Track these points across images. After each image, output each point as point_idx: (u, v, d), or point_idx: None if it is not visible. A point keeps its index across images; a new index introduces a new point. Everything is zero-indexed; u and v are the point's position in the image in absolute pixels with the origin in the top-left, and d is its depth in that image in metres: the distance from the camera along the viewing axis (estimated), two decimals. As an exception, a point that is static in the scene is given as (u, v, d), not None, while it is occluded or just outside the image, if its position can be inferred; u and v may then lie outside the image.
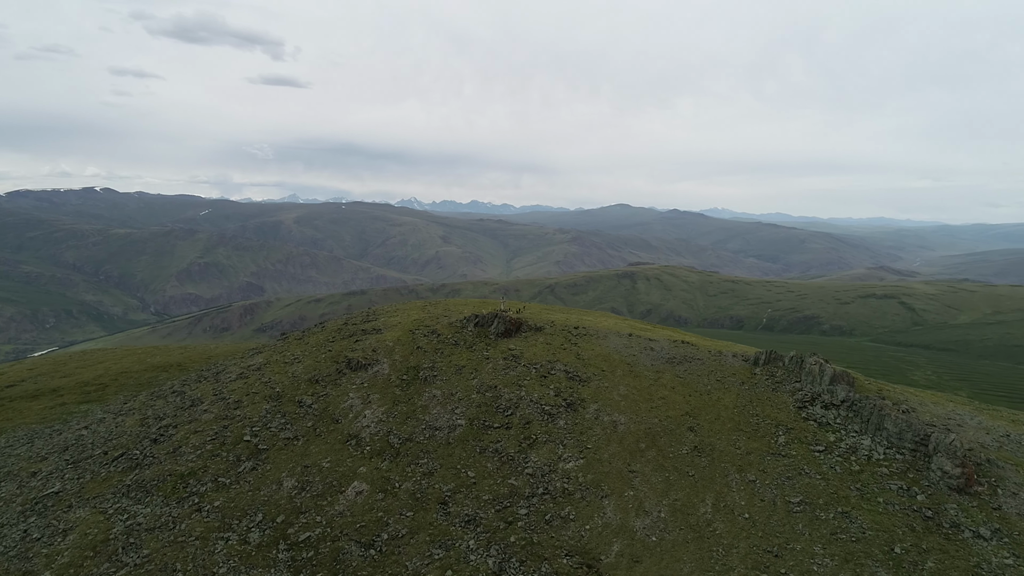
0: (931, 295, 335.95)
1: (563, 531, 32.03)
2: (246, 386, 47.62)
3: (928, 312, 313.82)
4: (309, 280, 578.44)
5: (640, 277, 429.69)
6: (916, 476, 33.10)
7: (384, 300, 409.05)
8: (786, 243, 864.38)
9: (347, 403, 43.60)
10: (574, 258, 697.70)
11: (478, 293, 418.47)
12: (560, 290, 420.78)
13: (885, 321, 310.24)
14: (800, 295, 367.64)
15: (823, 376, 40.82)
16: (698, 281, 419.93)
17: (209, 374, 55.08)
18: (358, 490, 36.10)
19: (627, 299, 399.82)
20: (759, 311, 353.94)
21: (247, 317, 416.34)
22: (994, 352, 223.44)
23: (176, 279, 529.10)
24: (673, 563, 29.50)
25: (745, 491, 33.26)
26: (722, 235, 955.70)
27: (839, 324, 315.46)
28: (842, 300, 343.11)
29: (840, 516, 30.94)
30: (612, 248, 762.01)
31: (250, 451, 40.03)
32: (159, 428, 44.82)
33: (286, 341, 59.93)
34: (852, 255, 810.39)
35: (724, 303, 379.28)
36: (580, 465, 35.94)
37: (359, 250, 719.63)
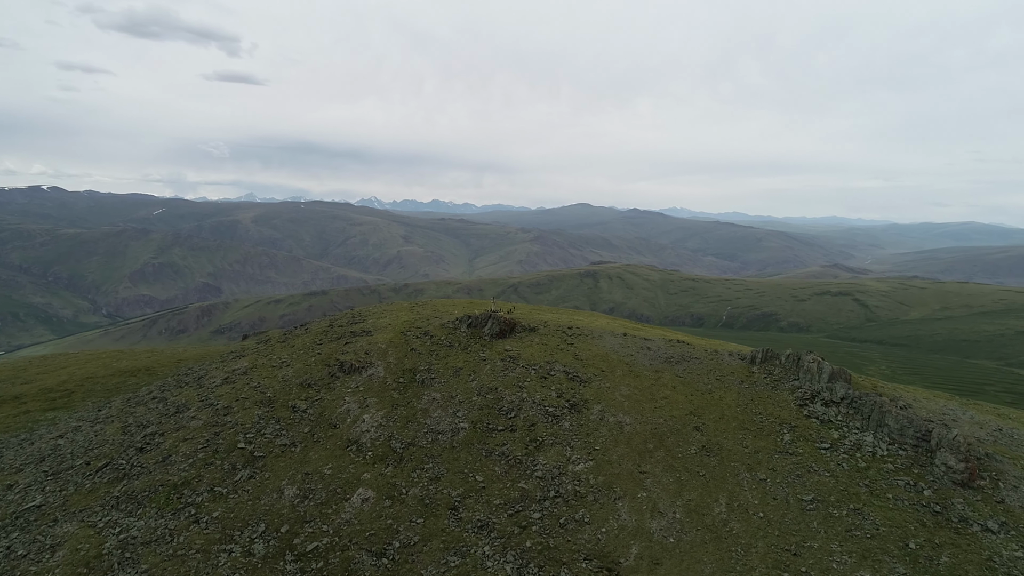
0: (883, 292, 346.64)
1: (579, 534, 31.68)
2: (234, 391, 46.12)
3: (881, 309, 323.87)
4: (268, 280, 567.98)
5: (603, 276, 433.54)
6: (921, 472, 33.67)
7: (345, 301, 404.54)
8: (743, 242, 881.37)
9: (344, 407, 42.52)
10: (536, 257, 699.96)
11: (441, 293, 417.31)
12: (523, 289, 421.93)
13: (840, 317, 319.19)
14: (758, 293, 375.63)
15: (821, 374, 41.34)
16: (659, 279, 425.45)
17: (190, 379, 53.24)
18: (364, 497, 35.15)
19: (590, 298, 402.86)
20: (719, 309, 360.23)
21: (204, 319, 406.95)
22: (943, 347, 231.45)
23: (129, 280, 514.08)
24: (693, 564, 29.41)
25: (757, 490, 33.39)
26: (681, 234, 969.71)
27: (796, 321, 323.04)
28: (799, 297, 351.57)
29: (853, 513, 31.26)
30: (574, 247, 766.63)
31: (246, 459, 38.70)
32: (144, 436, 43.07)
33: (269, 344, 58.37)
34: (807, 253, 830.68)
35: (685, 301, 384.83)
36: (590, 467, 35.64)
37: (319, 250, 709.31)
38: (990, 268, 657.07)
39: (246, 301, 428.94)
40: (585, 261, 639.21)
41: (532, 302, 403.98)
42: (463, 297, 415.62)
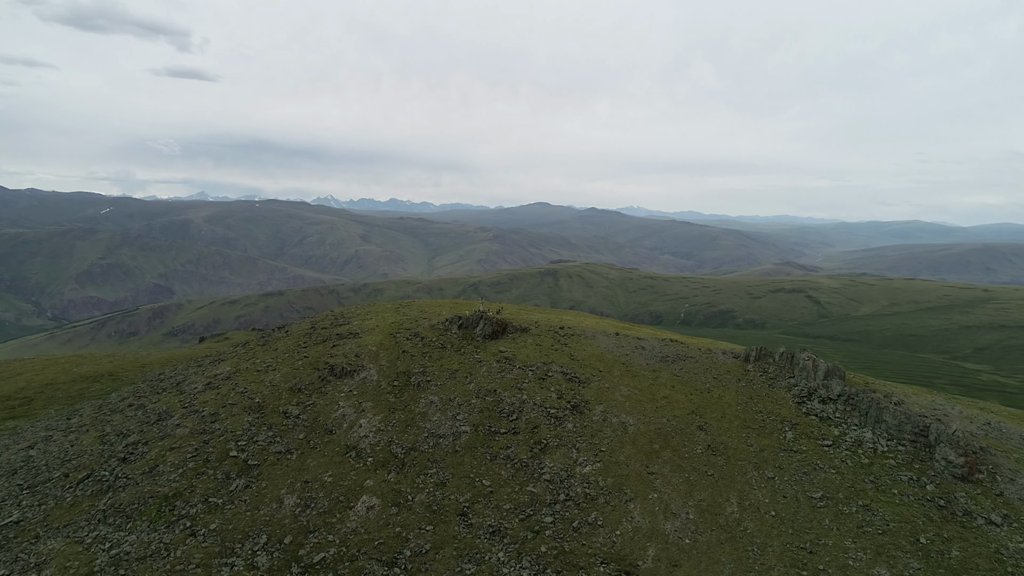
0: (835, 289, 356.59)
1: (593, 538, 31.33)
2: (219, 397, 44.47)
3: (832, 305, 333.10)
4: (222, 281, 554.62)
5: (563, 274, 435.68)
6: (922, 467, 34.33)
7: (303, 301, 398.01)
8: (699, 240, 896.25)
9: (338, 412, 41.36)
10: (496, 256, 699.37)
11: (401, 292, 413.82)
12: (484, 288, 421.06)
13: (794, 314, 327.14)
14: (715, 290, 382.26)
15: (817, 371, 41.90)
16: (618, 278, 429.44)
17: (167, 385, 51.24)
18: (368, 505, 34.17)
19: (551, 296, 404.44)
20: (677, 306, 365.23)
21: (156, 321, 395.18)
22: (892, 342, 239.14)
23: (76, 282, 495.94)
24: (712, 565, 29.36)
25: (766, 488, 33.57)
26: (638, 233, 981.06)
27: (752, 317, 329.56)
28: (754, 295, 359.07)
29: (862, 509, 31.66)
30: (533, 246, 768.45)
31: (239, 468, 37.29)
32: (126, 446, 41.20)
33: (248, 347, 56.55)
34: (760, 251, 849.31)
35: (644, 299, 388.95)
36: (597, 469, 35.34)
37: (275, 249, 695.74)
38: (933, 265, 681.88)
39: (200, 302, 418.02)
40: (545, 260, 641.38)
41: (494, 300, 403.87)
42: (423, 296, 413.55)
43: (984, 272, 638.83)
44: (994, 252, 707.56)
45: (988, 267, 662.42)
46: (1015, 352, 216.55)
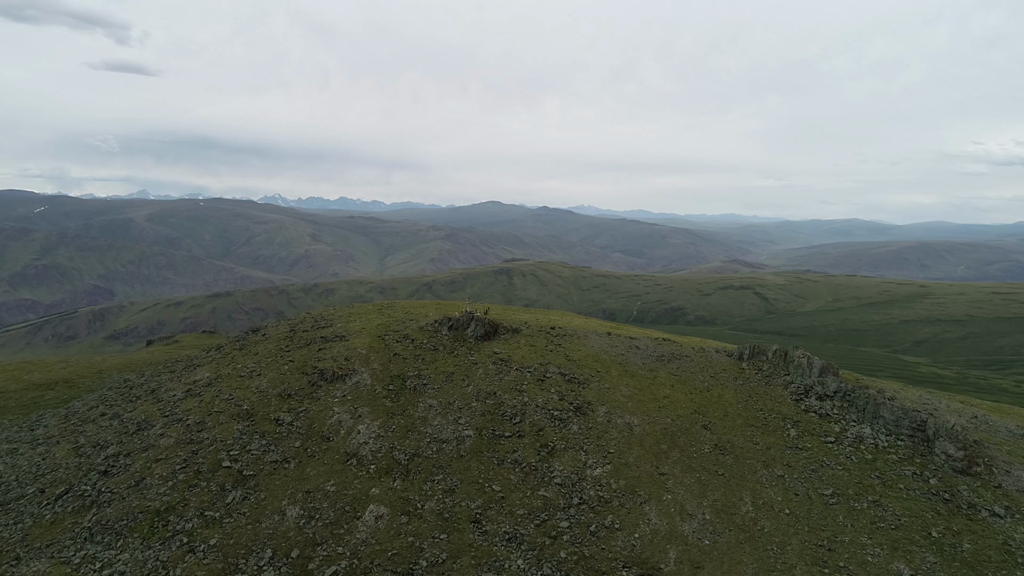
0: (781, 286, 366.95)
1: (612, 542, 30.93)
2: (203, 405, 42.47)
3: (779, 301, 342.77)
4: (166, 282, 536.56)
5: (516, 273, 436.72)
6: (923, 461, 35.07)
7: (252, 302, 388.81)
8: (649, 239, 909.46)
9: (334, 418, 39.96)
10: (448, 255, 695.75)
11: (353, 292, 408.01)
12: (438, 288, 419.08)
13: (743, 310, 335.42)
14: (666, 288, 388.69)
15: (812, 368, 42.50)
16: (572, 276, 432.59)
17: (141, 392, 48.80)
18: (377, 514, 33.02)
19: (505, 295, 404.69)
20: (629, 304, 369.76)
21: (97, 324, 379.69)
22: (836, 336, 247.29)
23: (8, 284, 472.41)
24: (735, 566, 29.30)
25: (778, 486, 33.77)
26: (590, 231, 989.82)
27: (702, 314, 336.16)
28: (704, 292, 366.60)
29: (873, 505, 32.11)
30: (486, 245, 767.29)
31: (234, 479, 35.61)
32: (106, 458, 38.97)
33: (223, 351, 54.29)
34: (708, 249, 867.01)
35: (597, 297, 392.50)
36: (608, 471, 34.97)
37: (221, 249, 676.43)
38: (872, 262, 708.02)
39: (143, 304, 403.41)
40: (497, 259, 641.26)
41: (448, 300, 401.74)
42: (377, 296, 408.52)
43: (919, 268, 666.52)
44: (928, 249, 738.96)
45: (923, 264, 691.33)
46: (950, 345, 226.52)
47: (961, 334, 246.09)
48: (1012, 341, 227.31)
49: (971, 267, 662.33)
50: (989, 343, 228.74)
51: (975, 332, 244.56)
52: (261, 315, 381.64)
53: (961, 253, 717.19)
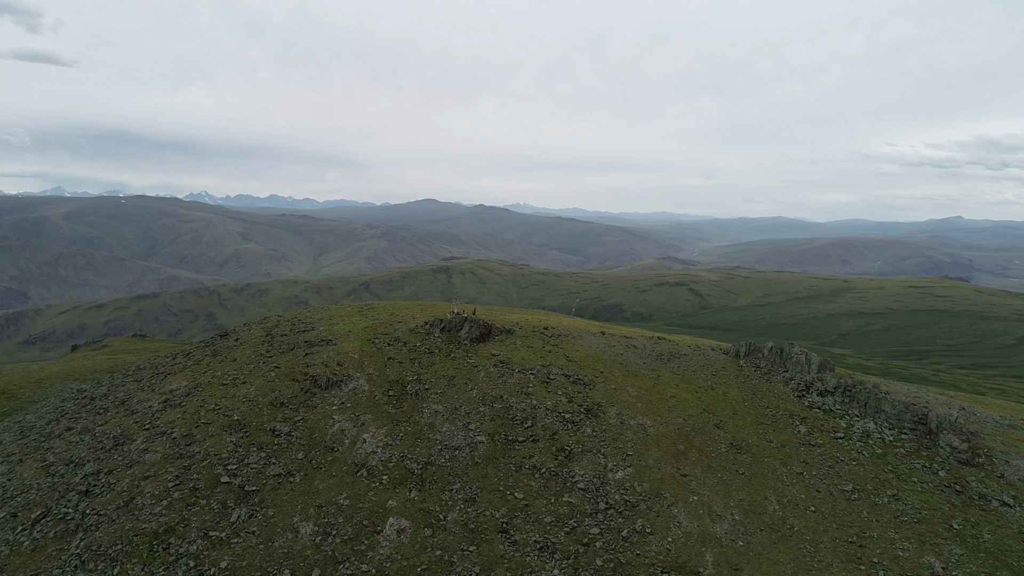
0: (714, 282, 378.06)
1: (646, 546, 30.38)
2: (187, 416, 39.73)
3: (712, 297, 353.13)
4: (86, 283, 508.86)
5: (455, 271, 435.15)
6: (930, 454, 35.98)
7: (181, 303, 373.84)
8: (584, 236, 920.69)
9: (335, 427, 38.00)
10: (385, 254, 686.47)
11: (288, 292, 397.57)
12: (376, 287, 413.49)
13: (678, 306, 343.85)
14: (604, 285, 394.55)
15: (810, 365, 43.13)
16: (511, 274, 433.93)
17: (109, 403, 45.41)
18: (399, 528, 31.45)
19: (444, 293, 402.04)
20: (568, 301, 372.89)
21: (10, 328, 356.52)
22: (767, 330, 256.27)
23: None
24: (773, 567, 29.21)
25: (799, 484, 33.98)
26: (526, 229, 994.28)
27: (640, 310, 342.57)
28: (640, 288, 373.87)
29: (893, 499, 32.66)
30: (423, 243, 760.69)
31: (236, 495, 33.33)
32: (84, 477, 35.97)
33: (193, 359, 51.11)
34: (642, 246, 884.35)
35: (536, 294, 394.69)
36: (630, 474, 34.42)
37: (145, 249, 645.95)
38: (797, 258, 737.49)
39: (61, 307, 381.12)
40: (435, 257, 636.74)
41: (385, 299, 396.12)
42: (313, 297, 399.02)
43: (840, 264, 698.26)
44: (848, 246, 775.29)
45: (844, 259, 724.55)
46: (873, 337, 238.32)
47: (882, 326, 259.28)
48: (928, 332, 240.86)
49: (887, 262, 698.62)
50: (908, 334, 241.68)
51: (895, 324, 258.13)
52: (191, 317, 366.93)
53: (878, 249, 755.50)
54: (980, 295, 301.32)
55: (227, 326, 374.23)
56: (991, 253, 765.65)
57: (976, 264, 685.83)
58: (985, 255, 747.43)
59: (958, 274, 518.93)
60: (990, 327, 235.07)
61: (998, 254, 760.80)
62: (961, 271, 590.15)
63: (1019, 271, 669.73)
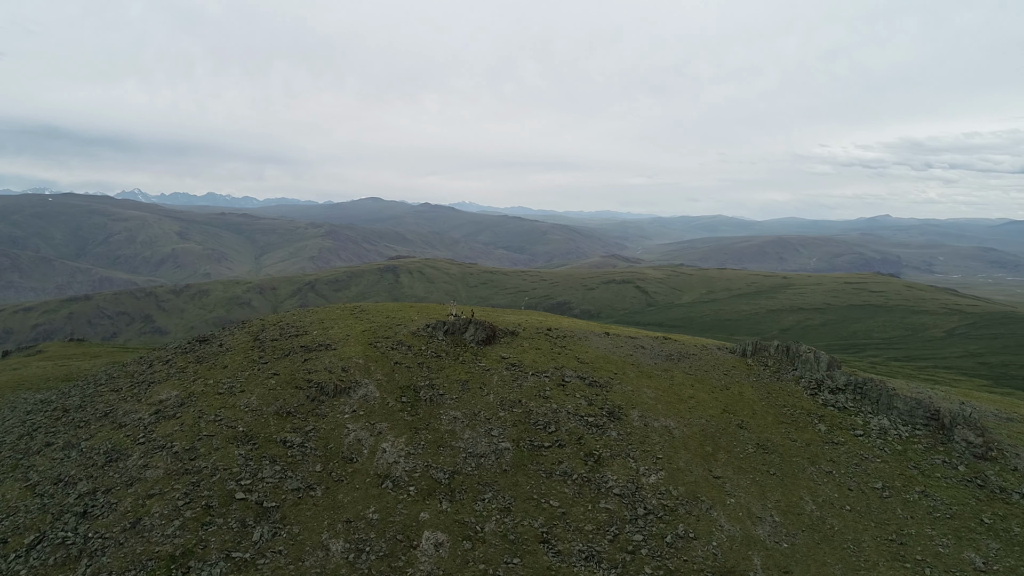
0: (659, 279, 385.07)
1: (692, 552, 29.83)
2: (186, 428, 37.23)
3: (658, 294, 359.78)
4: (10, 285, 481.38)
5: (403, 270, 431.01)
6: (946, 449, 36.71)
7: (116, 305, 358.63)
8: (530, 235, 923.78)
9: (351, 437, 36.21)
10: (329, 253, 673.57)
11: (230, 293, 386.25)
12: (321, 287, 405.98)
13: (625, 303, 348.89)
14: (552, 283, 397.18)
15: (819, 363, 43.57)
16: (459, 273, 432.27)
17: (90, 416, 42.32)
18: (436, 541, 30.02)
19: (391, 293, 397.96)
20: (517, 299, 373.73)
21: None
22: (712, 327, 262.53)
23: None
24: (822, 568, 29.07)
25: (830, 483, 34.09)
26: (472, 228, 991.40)
27: (588, 308, 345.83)
28: (588, 286, 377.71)
29: (922, 496, 33.10)
30: (368, 242, 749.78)
31: (255, 512, 31.28)
32: (79, 496, 33.24)
33: (175, 366, 48.20)
34: (587, 245, 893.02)
35: (485, 293, 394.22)
36: (663, 478, 33.87)
37: (75, 249, 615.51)
38: (737, 255, 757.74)
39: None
40: (380, 256, 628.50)
41: (332, 299, 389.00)
42: (257, 297, 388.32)
43: (778, 261, 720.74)
44: (785, 243, 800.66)
45: (781, 256, 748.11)
46: (812, 332, 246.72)
47: (821, 321, 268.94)
48: (864, 327, 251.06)
49: (822, 259, 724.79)
50: (845, 328, 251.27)
51: (833, 319, 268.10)
52: (127, 320, 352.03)
53: (813, 247, 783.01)
54: (910, 290, 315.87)
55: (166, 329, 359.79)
56: (917, 250, 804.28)
57: (904, 260, 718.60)
58: (912, 252, 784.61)
59: (888, 270, 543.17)
60: (921, 321, 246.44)
61: (924, 251, 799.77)
62: (890, 267, 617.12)
63: (943, 267, 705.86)
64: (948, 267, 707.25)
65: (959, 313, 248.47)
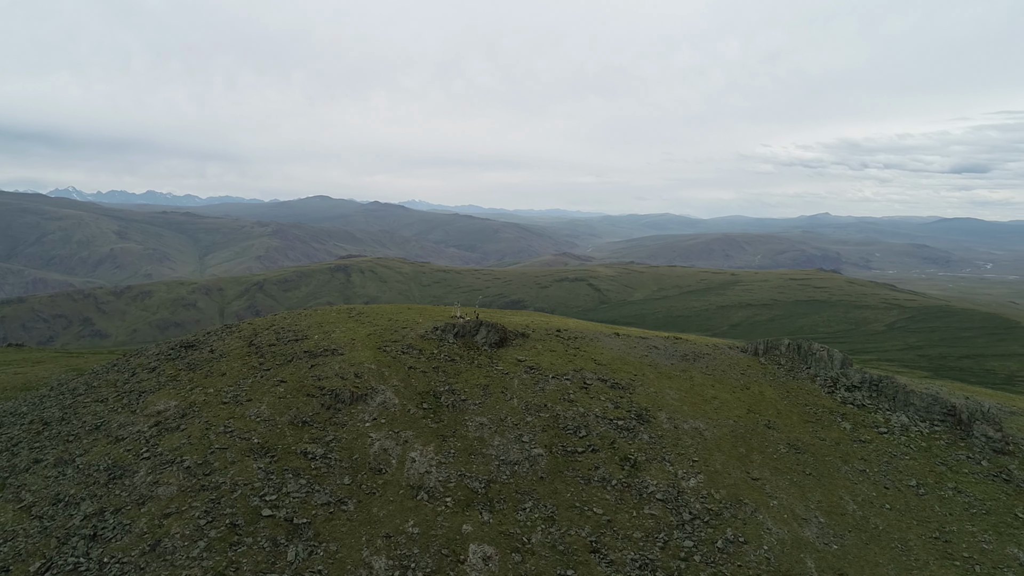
0: (611, 277, 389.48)
1: (745, 557, 29.32)
2: (194, 441, 34.89)
3: (611, 292, 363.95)
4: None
5: (354, 270, 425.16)
6: (967, 444, 37.27)
7: (52, 308, 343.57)
8: (481, 233, 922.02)
9: (376, 447, 34.51)
10: (277, 252, 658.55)
11: (174, 294, 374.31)
12: (270, 287, 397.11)
13: (578, 301, 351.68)
14: (506, 281, 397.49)
15: (833, 361, 43.85)
16: (411, 272, 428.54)
17: (80, 429, 39.39)
18: (484, 555, 28.72)
19: (343, 293, 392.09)
20: (472, 298, 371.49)
21: None
22: (663, 323, 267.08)
23: None
24: (875, 568, 28.92)
25: (866, 482, 34.12)
26: (423, 226, 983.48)
27: (542, 306, 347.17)
28: (542, 284, 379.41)
29: (956, 492, 33.44)
30: (316, 241, 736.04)
31: (286, 530, 29.40)
32: (85, 518, 30.75)
33: (165, 374, 45.45)
34: (538, 243, 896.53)
35: (438, 292, 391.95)
36: (703, 481, 33.33)
37: (5, 250, 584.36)
38: (684, 253, 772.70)
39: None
40: (330, 255, 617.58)
41: (281, 300, 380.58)
42: (203, 298, 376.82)
43: (724, 258, 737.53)
44: (730, 241, 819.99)
45: (727, 254, 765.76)
46: (760, 327, 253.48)
47: (768, 316, 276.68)
48: (809, 321, 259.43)
49: (766, 256, 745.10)
50: (791, 323, 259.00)
51: (780, 314, 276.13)
52: (64, 323, 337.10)
53: (758, 244, 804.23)
54: (852, 286, 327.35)
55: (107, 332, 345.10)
56: (855, 247, 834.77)
57: (843, 257, 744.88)
58: (850, 248, 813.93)
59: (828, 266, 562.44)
60: (863, 315, 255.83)
61: (861, 247, 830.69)
62: (831, 263, 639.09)
63: (880, 263, 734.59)
64: (884, 263, 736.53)
65: (898, 308, 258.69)
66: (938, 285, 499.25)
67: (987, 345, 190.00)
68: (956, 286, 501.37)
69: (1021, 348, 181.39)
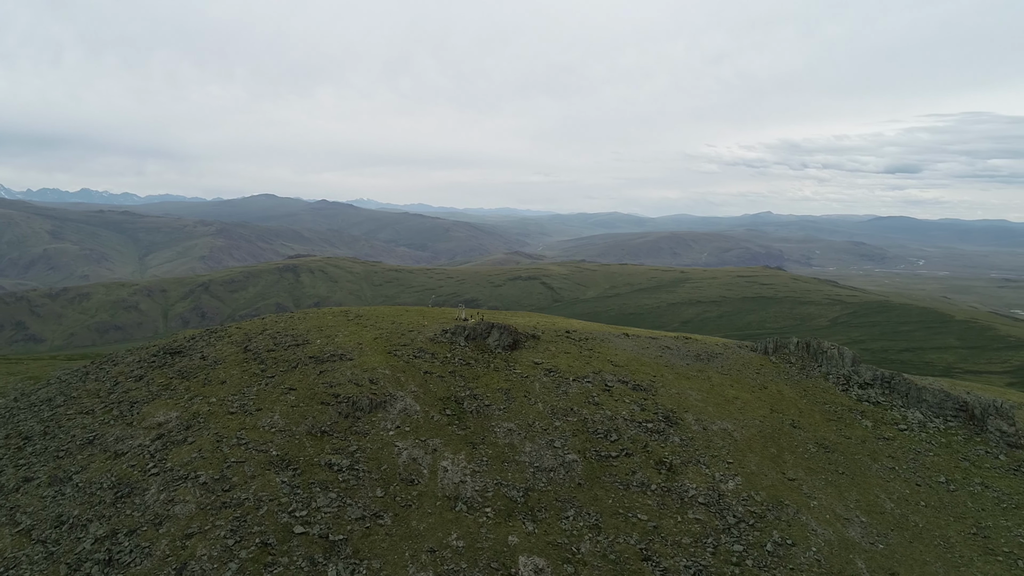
0: (564, 275, 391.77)
1: (795, 559, 28.99)
2: (206, 455, 32.69)
3: (564, 290, 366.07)
4: None
5: (304, 270, 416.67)
6: (983, 439, 38.00)
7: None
8: (432, 232, 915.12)
9: (404, 456, 32.96)
10: (221, 252, 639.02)
11: (114, 296, 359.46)
12: (216, 288, 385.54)
13: (532, 300, 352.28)
14: (459, 280, 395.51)
15: (844, 359, 44.23)
16: (363, 272, 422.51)
17: (71, 444, 36.62)
18: (535, 567, 27.58)
19: (292, 293, 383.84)
20: (424, 298, 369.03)
21: None
22: (617, 320, 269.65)
23: None
24: (924, 567, 29.00)
25: (898, 480, 34.34)
26: (372, 225, 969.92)
27: (496, 305, 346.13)
28: (495, 283, 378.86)
29: (983, 487, 33.94)
30: (263, 240, 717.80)
31: (322, 547, 27.68)
32: (96, 541, 28.44)
33: (157, 383, 42.75)
34: (489, 242, 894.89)
35: (391, 292, 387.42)
36: (741, 483, 32.93)
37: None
38: (633, 251, 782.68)
39: None
40: (277, 255, 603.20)
41: (228, 301, 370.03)
42: (144, 299, 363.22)
43: (672, 256, 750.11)
44: (678, 239, 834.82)
45: (674, 252, 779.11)
46: (711, 323, 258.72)
47: (718, 313, 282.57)
48: (757, 317, 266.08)
49: (712, 254, 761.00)
50: (740, 319, 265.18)
51: (729, 311, 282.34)
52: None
53: (704, 242, 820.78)
54: (797, 282, 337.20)
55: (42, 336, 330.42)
56: (797, 244, 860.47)
57: (785, 254, 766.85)
58: (792, 246, 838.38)
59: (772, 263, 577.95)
60: (807, 311, 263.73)
61: (803, 245, 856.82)
62: (774, 261, 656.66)
63: (820, 260, 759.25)
64: (824, 260, 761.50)
65: (840, 303, 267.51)
66: (875, 281, 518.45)
67: (925, 339, 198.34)
68: (892, 282, 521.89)
69: (956, 341, 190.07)
